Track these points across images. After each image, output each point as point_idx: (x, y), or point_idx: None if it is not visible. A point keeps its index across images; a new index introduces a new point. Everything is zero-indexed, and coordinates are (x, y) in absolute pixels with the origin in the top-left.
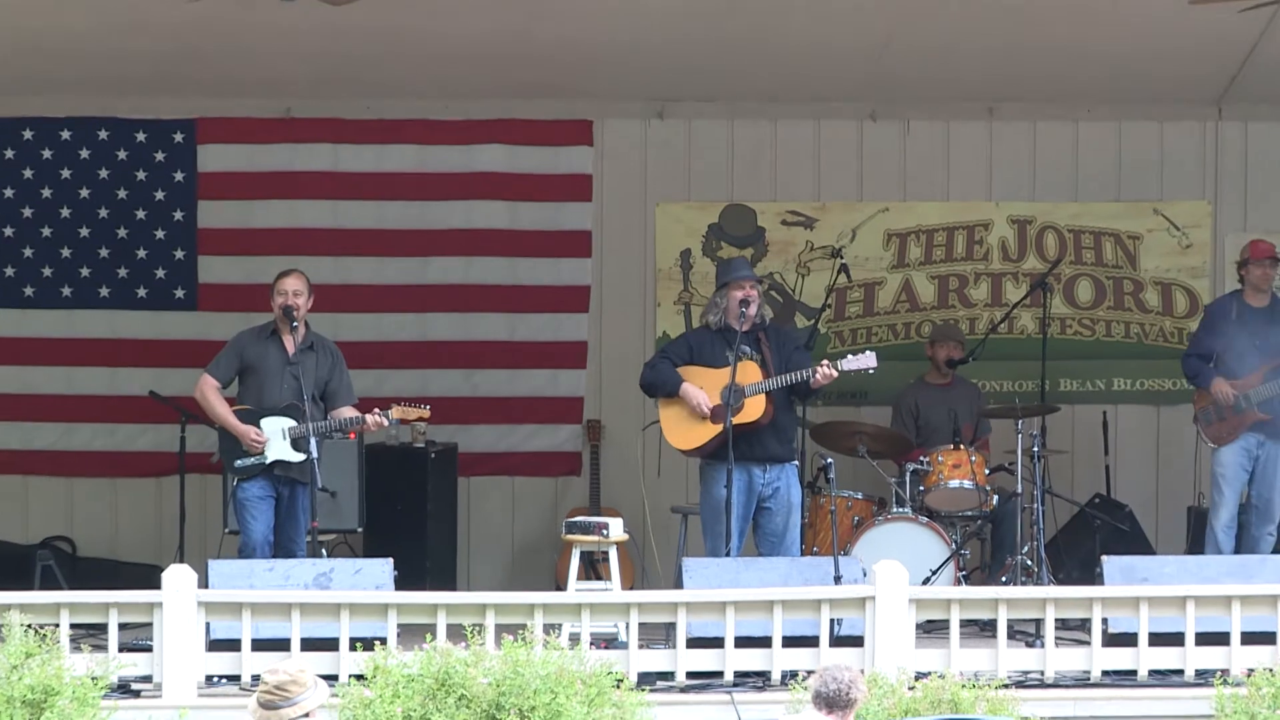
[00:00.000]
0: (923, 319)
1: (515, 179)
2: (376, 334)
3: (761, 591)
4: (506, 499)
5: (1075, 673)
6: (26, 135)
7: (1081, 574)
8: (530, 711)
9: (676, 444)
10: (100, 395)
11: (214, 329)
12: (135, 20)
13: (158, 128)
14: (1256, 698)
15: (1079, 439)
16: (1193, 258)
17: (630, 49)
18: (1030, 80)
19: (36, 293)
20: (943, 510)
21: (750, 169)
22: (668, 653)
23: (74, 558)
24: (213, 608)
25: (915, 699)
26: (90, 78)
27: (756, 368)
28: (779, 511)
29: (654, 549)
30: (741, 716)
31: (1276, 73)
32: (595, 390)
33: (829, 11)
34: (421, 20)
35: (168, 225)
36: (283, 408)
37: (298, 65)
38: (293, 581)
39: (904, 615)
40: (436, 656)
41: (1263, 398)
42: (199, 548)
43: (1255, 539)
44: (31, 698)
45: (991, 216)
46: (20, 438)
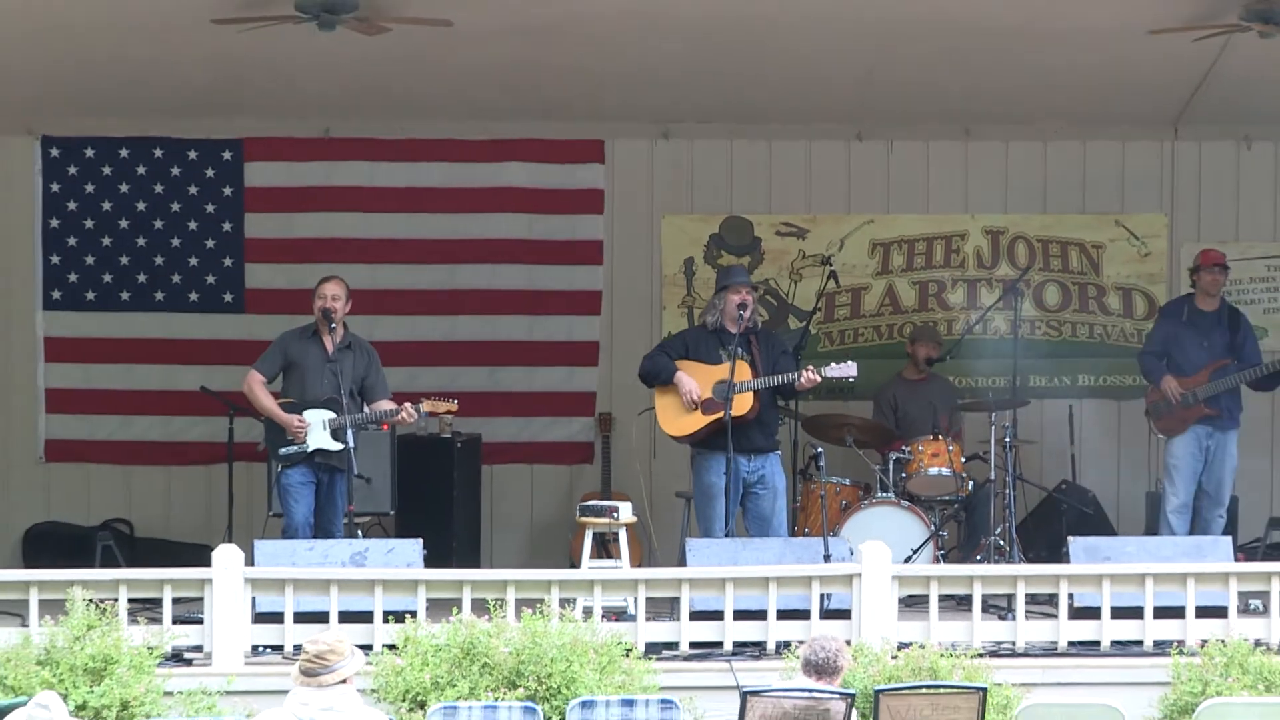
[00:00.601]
0: (904, 321)
1: (533, 193)
2: (408, 334)
3: (758, 569)
4: (526, 485)
5: (1044, 643)
6: (88, 153)
7: (1049, 553)
8: (547, 678)
9: (668, 430)
10: (155, 390)
11: (260, 330)
12: (188, 49)
13: (208, 147)
14: (1209, 666)
15: (1047, 430)
16: (1151, 265)
17: (638, 76)
18: (1002, 104)
19: (97, 297)
20: (923, 495)
21: (747, 184)
22: (672, 625)
23: (131, 538)
24: (258, 584)
25: (898, 667)
26: (147, 101)
27: (747, 367)
28: (766, 496)
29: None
30: (739, 683)
31: (1228, 96)
32: (606, 385)
33: (819, 42)
34: (448, 48)
35: (217, 235)
36: (323, 401)
37: (335, 90)
38: (331, 560)
39: (887, 591)
40: (462, 628)
41: (1209, 394)
42: (245, 529)
43: (1207, 521)
44: (92, 666)
45: (967, 227)
46: (83, 429)
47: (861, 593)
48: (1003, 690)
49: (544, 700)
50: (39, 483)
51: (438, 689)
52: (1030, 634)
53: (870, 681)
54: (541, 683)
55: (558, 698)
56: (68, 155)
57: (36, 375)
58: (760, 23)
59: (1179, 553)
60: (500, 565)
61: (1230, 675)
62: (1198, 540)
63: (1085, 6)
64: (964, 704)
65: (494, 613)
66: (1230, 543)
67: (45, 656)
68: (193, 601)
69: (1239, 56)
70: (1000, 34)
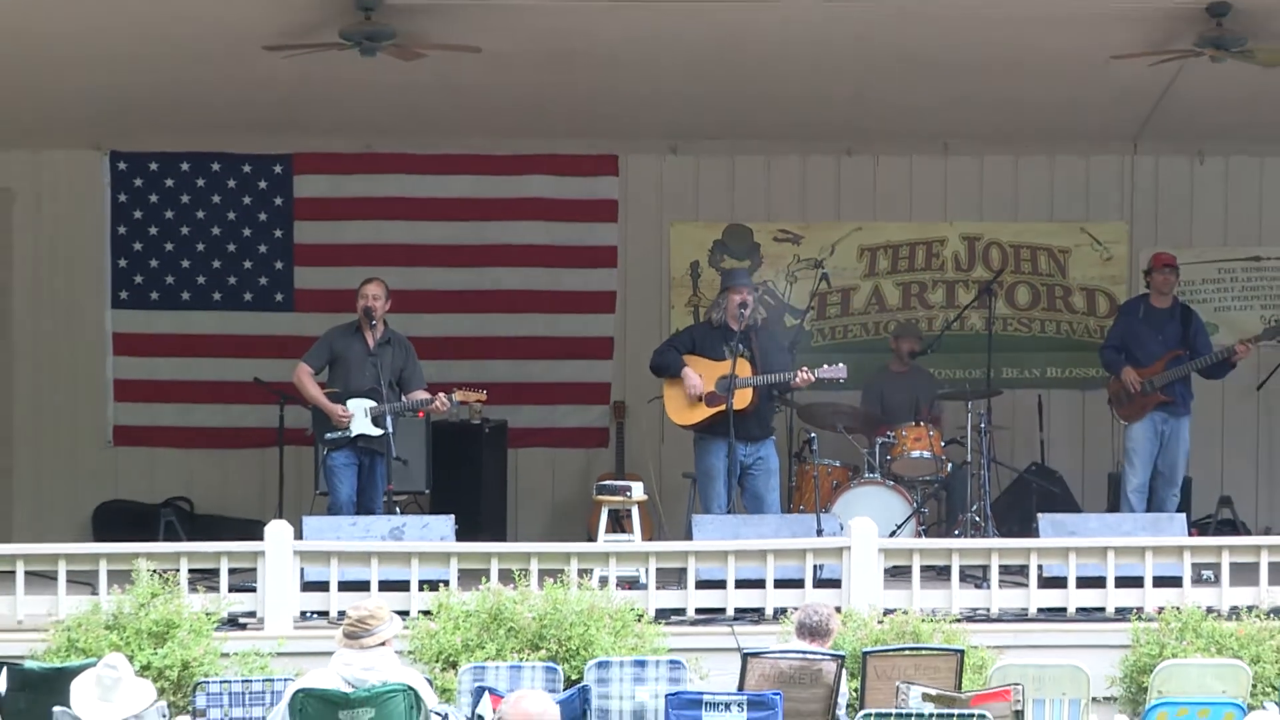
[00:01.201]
0: (889, 318)
1: (554, 203)
2: (442, 330)
3: (757, 542)
4: (547, 466)
5: (1015, 609)
6: (153, 167)
7: (1020, 528)
8: (567, 640)
9: (675, 419)
10: (213, 381)
11: (307, 327)
12: (243, 73)
13: (261, 161)
14: (1165, 630)
15: (1018, 417)
16: (1112, 268)
17: (649, 97)
18: (978, 123)
19: (160, 297)
20: (906, 476)
21: (748, 195)
22: (680, 593)
23: (191, 515)
24: (306, 555)
25: (883, 630)
26: (206, 120)
27: (748, 364)
28: (760, 476)
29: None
30: (740, 645)
31: (1183, 115)
32: (620, 377)
33: (812, 67)
34: (477, 72)
35: (269, 241)
36: (364, 391)
37: (375, 109)
38: (372, 534)
39: (874, 562)
40: (490, 595)
41: (1164, 383)
42: (295, 506)
43: (1163, 500)
44: (156, 630)
45: (946, 234)
46: (147, 416)
47: (851, 564)
48: (978, 652)
49: (564, 661)
50: (108, 465)
51: (468, 650)
52: (1003, 601)
53: (859, 644)
54: (562, 645)
55: (576, 658)
56: (134, 169)
57: (106, 368)
58: (759, 50)
59: (1138, 528)
60: (524, 539)
61: (1185, 639)
62: (1155, 517)
63: (1052, 35)
64: (943, 664)
65: (519, 582)
66: (1184, 519)
67: (113, 622)
68: (247, 571)
69: (1192, 79)
70: (975, 60)
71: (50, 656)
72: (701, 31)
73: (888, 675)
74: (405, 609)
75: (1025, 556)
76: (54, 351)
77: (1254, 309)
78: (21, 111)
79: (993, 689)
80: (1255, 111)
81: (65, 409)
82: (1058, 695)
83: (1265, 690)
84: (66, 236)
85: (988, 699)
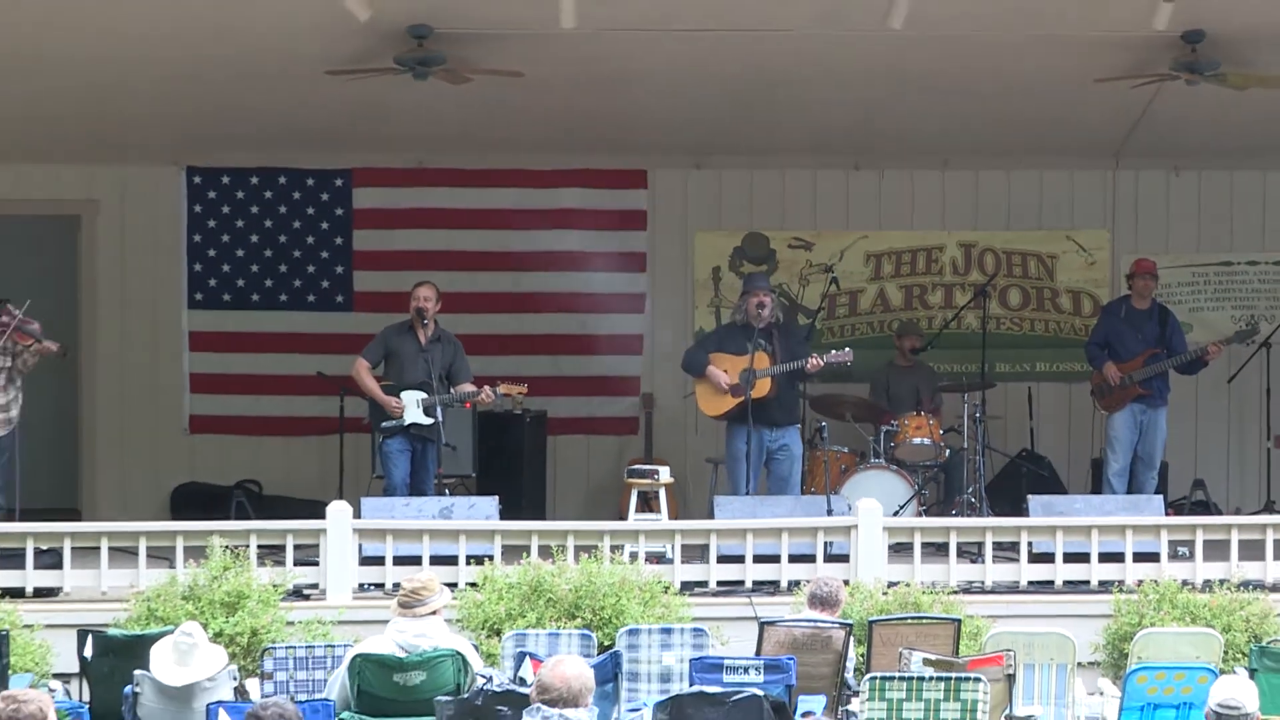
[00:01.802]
0: (893, 318)
1: (589, 213)
2: (487, 329)
3: (773, 521)
4: (583, 452)
5: (1008, 582)
6: (225, 181)
7: (1012, 509)
8: (600, 610)
9: (705, 410)
10: (279, 375)
11: (365, 325)
12: (308, 95)
13: (323, 175)
14: (1144, 601)
15: (1010, 408)
16: (1096, 272)
17: (675, 118)
18: (973, 140)
19: (232, 298)
20: (908, 461)
21: (765, 206)
22: (703, 566)
23: (260, 496)
24: (364, 533)
25: (887, 601)
26: (273, 138)
27: (766, 357)
28: (784, 461)
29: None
30: (758, 614)
31: (1160, 133)
32: (649, 371)
33: (823, 91)
34: (519, 95)
35: (330, 248)
36: (417, 384)
37: (427, 128)
38: (423, 513)
39: (879, 539)
40: (530, 569)
41: (1143, 377)
42: (354, 488)
43: (1142, 483)
44: (228, 600)
45: (944, 241)
46: (220, 407)
47: (858, 541)
48: (974, 621)
49: (598, 629)
50: (184, 450)
51: (510, 619)
52: (997, 575)
53: (865, 613)
54: (595, 614)
55: (609, 626)
56: (208, 182)
57: (182, 363)
58: (775, 75)
59: (1119, 509)
60: (561, 518)
61: (1162, 609)
62: (1134, 498)
63: (1042, 60)
64: (942, 632)
65: (557, 557)
66: (1161, 500)
67: (189, 593)
68: (310, 547)
69: (1169, 100)
70: (971, 83)
71: (131, 624)
72: (723, 59)
73: (892, 642)
74: (454, 581)
75: (1016, 534)
76: (136, 348)
77: (1225, 309)
78: (108, 131)
79: (987, 655)
80: (1226, 130)
81: (146, 400)
82: (1046, 661)
83: (1236, 656)
84: (147, 244)
85: (982, 664)
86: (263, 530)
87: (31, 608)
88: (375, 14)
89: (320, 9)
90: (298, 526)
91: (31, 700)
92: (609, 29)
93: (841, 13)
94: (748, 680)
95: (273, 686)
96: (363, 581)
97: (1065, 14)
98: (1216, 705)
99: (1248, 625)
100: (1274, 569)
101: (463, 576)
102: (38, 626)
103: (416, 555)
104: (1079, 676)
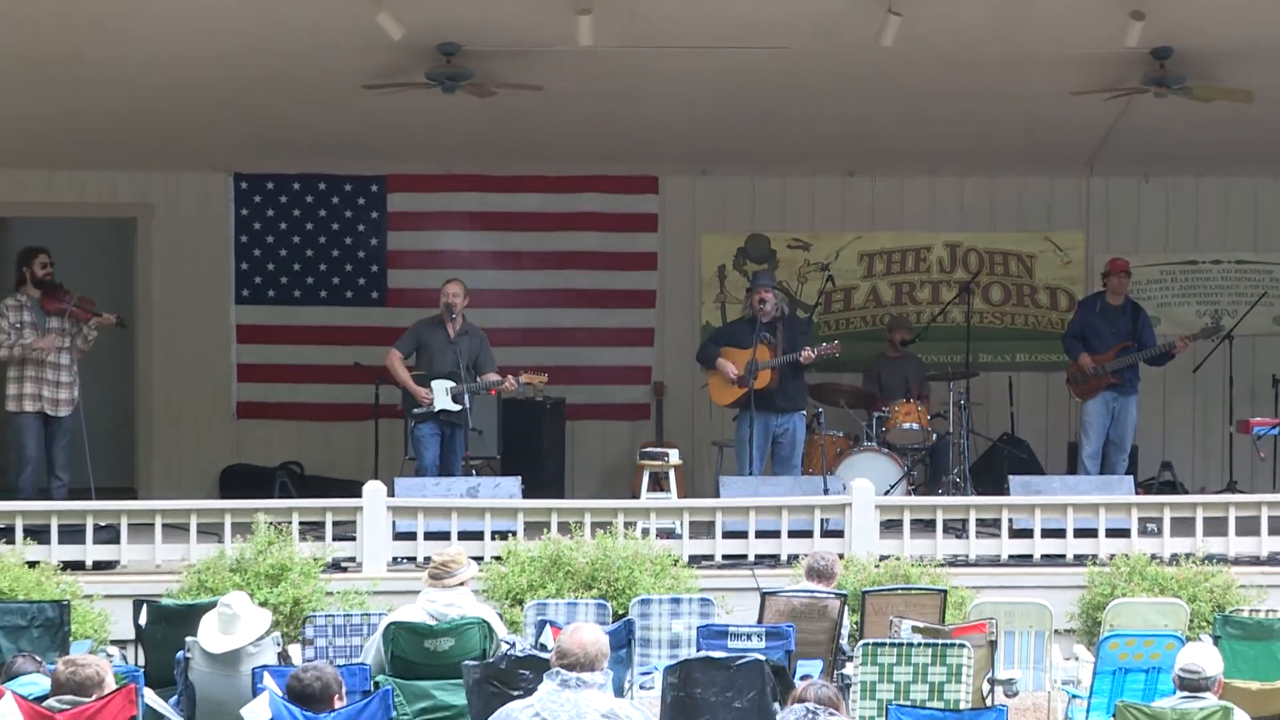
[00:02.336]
0: (884, 313)
1: (604, 216)
2: (510, 323)
3: (773, 499)
4: (598, 436)
5: (990, 556)
6: (269, 186)
7: (994, 488)
8: (615, 581)
9: (715, 399)
10: (319, 365)
11: (398, 319)
12: (346, 107)
13: (359, 181)
14: (1116, 573)
15: (992, 395)
16: (1072, 271)
17: (683, 129)
18: (959, 149)
19: (276, 294)
20: (898, 444)
21: (766, 210)
22: (709, 542)
23: (302, 476)
24: (397, 510)
25: (879, 573)
26: (314, 146)
27: (768, 349)
28: (787, 444)
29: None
30: (760, 585)
31: (1131, 143)
32: (660, 362)
33: (820, 105)
34: (540, 107)
35: (366, 248)
36: (446, 373)
37: (455, 138)
38: (452, 492)
39: (871, 516)
40: (550, 544)
41: (1115, 368)
42: (388, 469)
43: (1114, 464)
44: (272, 573)
45: (932, 242)
46: (265, 394)
47: (852, 518)
48: (959, 591)
49: (612, 598)
50: (232, 434)
51: (532, 590)
52: (980, 549)
53: (858, 584)
54: (610, 585)
55: (623, 596)
56: (254, 188)
57: (231, 354)
58: (775, 89)
59: (1093, 488)
60: (579, 497)
61: (1132, 581)
62: (1107, 478)
63: (1022, 75)
64: (929, 601)
65: (574, 532)
66: (1131, 480)
67: (236, 565)
68: (348, 524)
69: (1140, 112)
70: (958, 96)
71: (183, 595)
72: (727, 74)
73: (883, 611)
74: (480, 555)
75: (998, 512)
76: (187, 340)
77: (1190, 305)
78: (162, 141)
79: (971, 623)
80: (1192, 140)
81: (197, 388)
82: (1025, 628)
83: (1200, 624)
84: (198, 244)
85: (967, 631)
86: (304, 508)
87: (91, 579)
88: (408, 33)
89: (357, 29)
90: (336, 505)
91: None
92: (622, 47)
93: (836, 31)
94: (750, 646)
95: (313, 652)
96: (396, 555)
97: (1044, 33)
98: (1182, 669)
99: (1211, 596)
100: (1236, 544)
101: (488, 550)
102: (97, 596)
103: (445, 531)
104: (1056, 643)
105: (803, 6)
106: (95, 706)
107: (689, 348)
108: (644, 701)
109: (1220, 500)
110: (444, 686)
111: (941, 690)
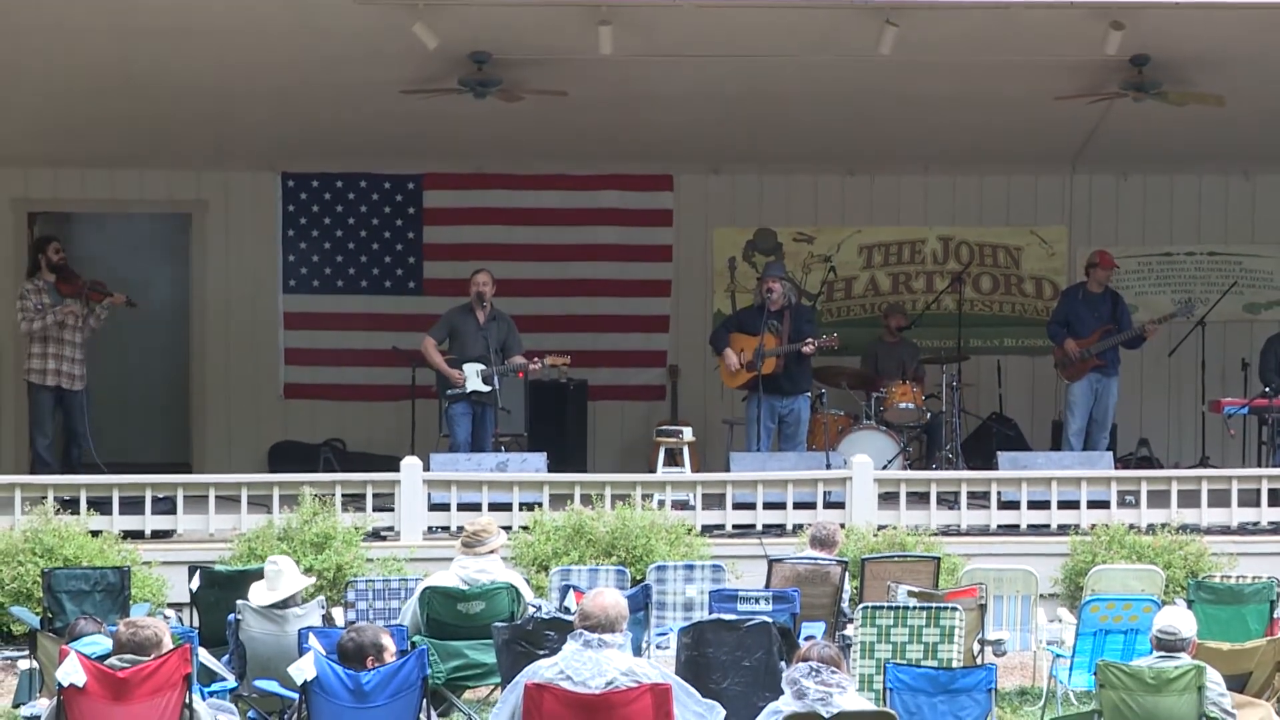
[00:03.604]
0: (881, 300)
1: (623, 212)
2: (536, 310)
3: (780, 473)
4: (618, 415)
5: (980, 526)
6: (315, 184)
7: (984, 463)
8: (633, 549)
9: (726, 383)
10: (360, 349)
11: (433, 307)
12: (385, 111)
13: (397, 179)
14: (1097, 542)
15: (982, 377)
16: (1055, 262)
17: (697, 131)
18: (950, 149)
19: (320, 284)
20: (895, 422)
21: (773, 205)
22: (720, 512)
23: (345, 452)
24: (433, 484)
25: (878, 542)
26: (356, 147)
27: (773, 338)
28: (792, 424)
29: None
30: (767, 553)
31: (1111, 143)
32: (675, 346)
33: (823, 109)
34: (564, 111)
35: (404, 242)
36: (476, 357)
37: (486, 139)
38: (483, 467)
39: (870, 489)
40: (573, 515)
41: (1097, 350)
42: (424, 446)
43: (1096, 441)
44: (316, 541)
45: (926, 235)
46: (310, 376)
47: (852, 490)
48: (951, 559)
49: (631, 565)
50: (280, 413)
51: (556, 557)
52: (971, 519)
53: (858, 552)
54: (629, 553)
55: (640, 563)
56: (300, 185)
57: (278, 339)
58: (781, 94)
59: (1075, 463)
60: (600, 471)
61: (1112, 549)
62: (1088, 454)
63: (1010, 80)
64: (924, 568)
65: (595, 504)
66: (1111, 456)
67: (283, 534)
68: (387, 496)
69: (1119, 115)
70: (950, 101)
71: (234, 561)
72: (737, 81)
73: (881, 577)
74: (509, 525)
75: (988, 485)
76: (239, 326)
77: (1166, 293)
78: (215, 140)
79: (962, 588)
80: (1167, 140)
81: (248, 370)
82: (1013, 593)
83: (1175, 589)
84: (248, 238)
85: (958, 595)
86: (346, 481)
87: (149, 547)
88: (442, 43)
89: (395, 38)
90: (376, 478)
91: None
92: (640, 56)
93: (838, 41)
94: (758, 609)
95: (354, 614)
96: (431, 525)
97: (1030, 42)
98: (1159, 631)
99: (1185, 563)
100: (1208, 515)
101: (516, 521)
102: (155, 563)
103: (477, 503)
104: (1041, 606)
105: (807, 18)
106: (153, 665)
107: (702, 333)
108: (660, 660)
109: (1193, 474)
110: (475, 646)
111: (935, 650)
